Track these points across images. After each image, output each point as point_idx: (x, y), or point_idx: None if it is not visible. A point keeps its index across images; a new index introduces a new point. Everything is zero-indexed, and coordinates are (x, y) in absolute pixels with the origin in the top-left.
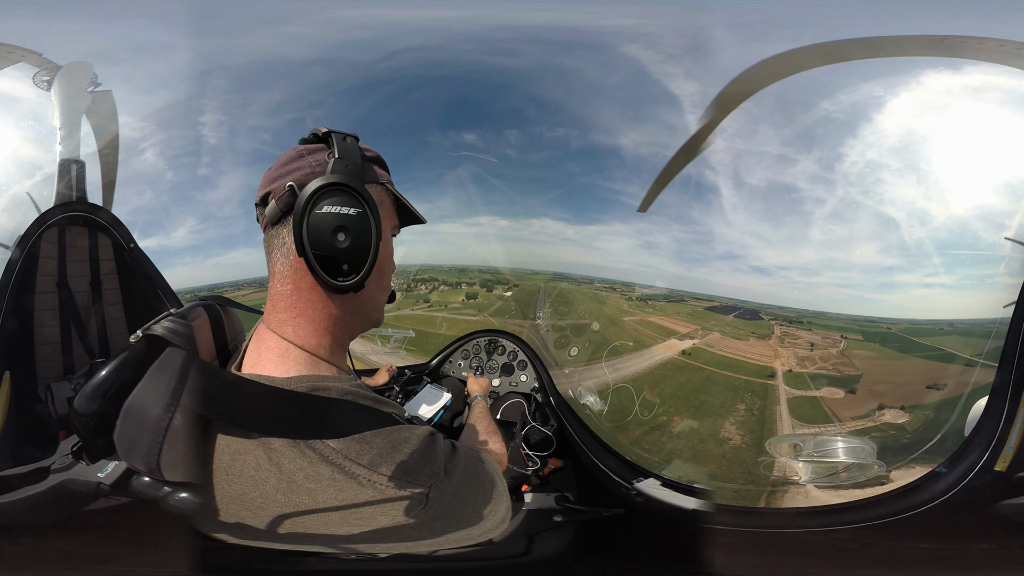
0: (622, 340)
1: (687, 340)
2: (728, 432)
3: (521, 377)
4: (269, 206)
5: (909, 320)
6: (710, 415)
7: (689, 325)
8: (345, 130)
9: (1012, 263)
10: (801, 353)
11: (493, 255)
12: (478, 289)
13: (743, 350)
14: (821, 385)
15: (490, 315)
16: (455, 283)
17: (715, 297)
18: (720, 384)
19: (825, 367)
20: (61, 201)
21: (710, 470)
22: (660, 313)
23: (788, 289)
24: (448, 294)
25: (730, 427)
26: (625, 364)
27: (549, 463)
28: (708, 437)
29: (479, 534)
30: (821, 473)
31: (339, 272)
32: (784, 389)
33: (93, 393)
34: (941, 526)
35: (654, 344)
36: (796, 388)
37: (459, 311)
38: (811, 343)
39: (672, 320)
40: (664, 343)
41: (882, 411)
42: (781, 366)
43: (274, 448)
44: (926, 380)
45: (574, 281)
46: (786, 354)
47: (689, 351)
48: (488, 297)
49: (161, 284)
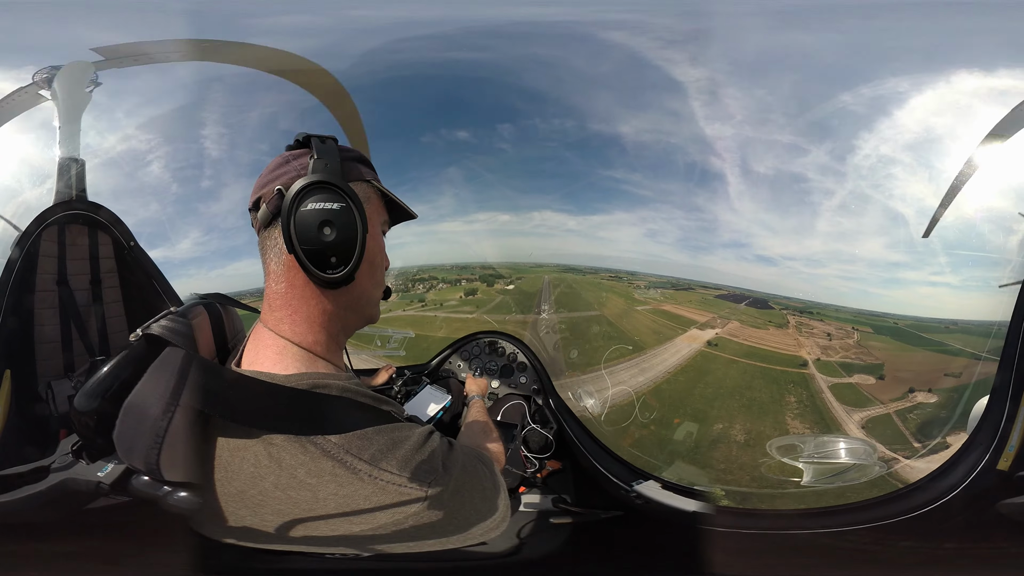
0: (639, 334)
1: (708, 330)
2: (794, 427)
3: (521, 379)
4: (261, 210)
5: (913, 317)
6: (766, 413)
7: (705, 313)
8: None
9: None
10: (822, 342)
11: (494, 251)
12: (478, 284)
13: (766, 339)
14: (852, 372)
15: (488, 312)
16: (455, 280)
17: (721, 286)
18: (757, 376)
19: (848, 356)
20: (61, 199)
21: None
22: (672, 301)
23: (793, 279)
24: (446, 292)
25: (792, 421)
26: (651, 362)
27: (547, 465)
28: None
29: (480, 533)
30: (823, 474)
31: (328, 265)
32: (821, 377)
33: (93, 391)
34: (944, 526)
35: (676, 335)
36: (830, 376)
37: (455, 308)
38: (828, 333)
39: (687, 308)
40: (686, 334)
41: (914, 393)
42: (808, 355)
43: (274, 444)
44: (943, 370)
45: (579, 272)
46: (808, 343)
47: (715, 342)
48: (488, 292)
49: (161, 282)
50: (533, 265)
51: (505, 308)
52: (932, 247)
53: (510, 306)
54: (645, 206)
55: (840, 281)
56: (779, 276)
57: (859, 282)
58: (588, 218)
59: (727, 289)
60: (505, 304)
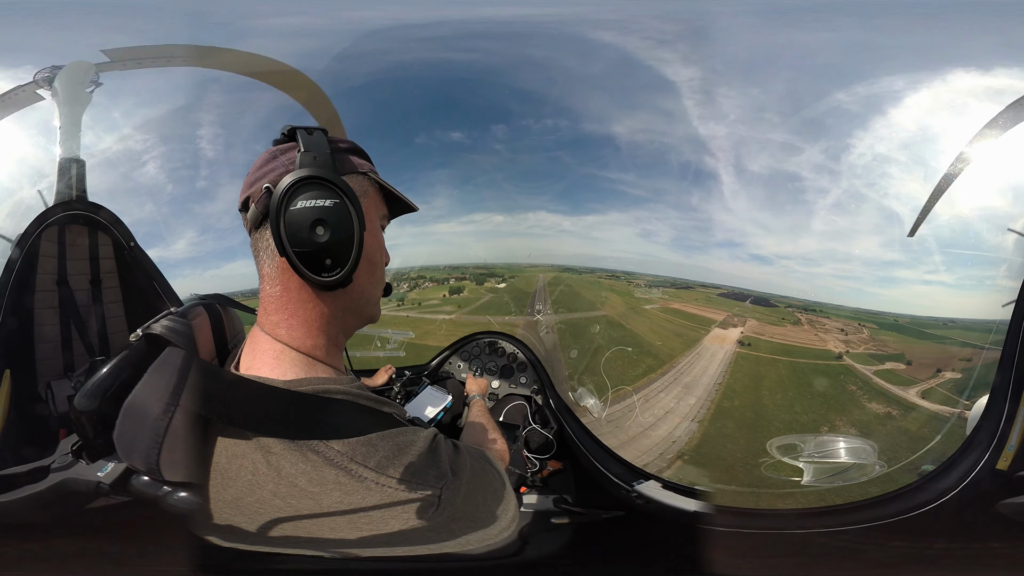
0: (660, 337)
1: (731, 329)
2: (876, 408)
3: (521, 379)
4: (250, 210)
5: (910, 316)
6: (847, 403)
7: (718, 311)
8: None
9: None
10: (840, 337)
11: (489, 252)
12: (467, 283)
13: (790, 336)
14: (883, 361)
15: (471, 313)
16: (443, 279)
17: (719, 285)
18: (807, 372)
19: (871, 348)
20: (61, 200)
21: (918, 447)
22: (679, 299)
23: (788, 278)
24: (428, 291)
25: (870, 405)
26: (690, 374)
27: (548, 465)
28: (876, 423)
29: (496, 533)
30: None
31: (323, 268)
32: (860, 367)
33: (93, 391)
34: (943, 526)
35: (700, 336)
36: (867, 365)
37: (435, 309)
38: (841, 328)
39: (697, 307)
40: (710, 334)
41: (941, 373)
42: (835, 348)
43: (273, 452)
44: (957, 356)
45: (576, 272)
46: (829, 338)
47: (746, 341)
48: (476, 291)
49: (161, 282)
50: (529, 265)
51: (493, 308)
52: (926, 246)
53: (499, 306)
54: (639, 206)
55: (835, 280)
56: (774, 275)
57: (855, 281)
58: (582, 218)
59: (725, 288)
60: (493, 303)
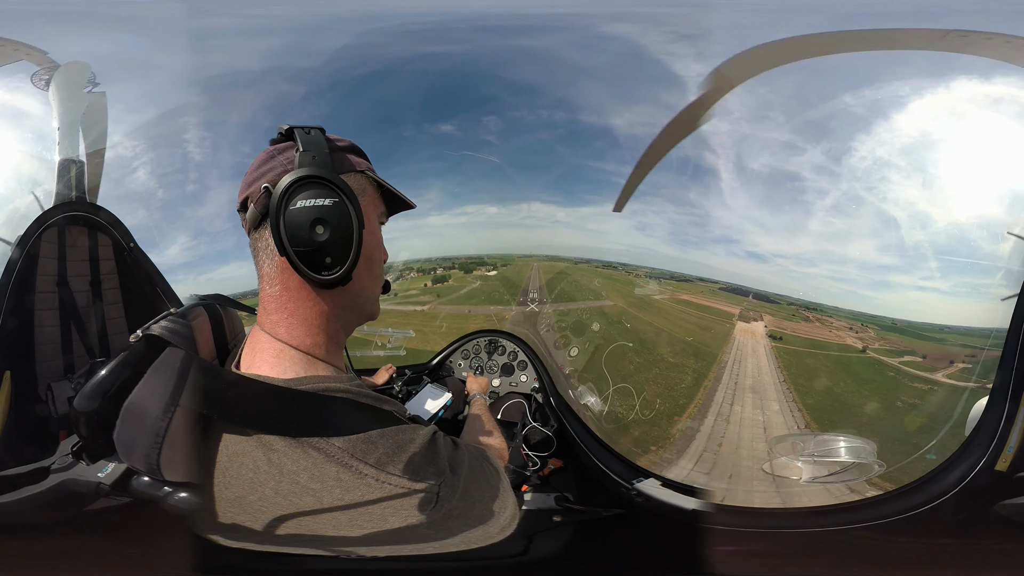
0: (690, 332)
1: (753, 322)
2: (921, 389)
3: (521, 377)
4: (249, 210)
5: (905, 321)
6: (897, 387)
7: (732, 305)
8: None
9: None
10: (852, 335)
11: (484, 243)
12: (455, 272)
13: (811, 331)
14: (901, 356)
15: (452, 303)
16: (430, 269)
17: (717, 280)
18: (847, 364)
19: (883, 344)
20: (60, 201)
21: None
22: (685, 291)
23: (783, 277)
24: (410, 281)
25: (914, 384)
26: (746, 372)
27: (549, 463)
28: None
29: (497, 531)
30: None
31: (323, 266)
32: (887, 360)
33: (93, 392)
34: (942, 526)
35: (728, 330)
36: (890, 358)
37: (411, 300)
38: (850, 326)
39: (707, 299)
40: (736, 328)
41: (955, 364)
42: (854, 343)
43: (275, 449)
44: (962, 353)
45: (571, 263)
46: (844, 335)
47: (777, 335)
48: (463, 280)
49: (161, 283)
50: (521, 256)
51: (479, 296)
52: (922, 252)
53: (485, 294)
54: (636, 199)
55: (830, 281)
56: (770, 273)
57: (849, 283)
58: (577, 209)
59: (723, 283)
60: (479, 291)
